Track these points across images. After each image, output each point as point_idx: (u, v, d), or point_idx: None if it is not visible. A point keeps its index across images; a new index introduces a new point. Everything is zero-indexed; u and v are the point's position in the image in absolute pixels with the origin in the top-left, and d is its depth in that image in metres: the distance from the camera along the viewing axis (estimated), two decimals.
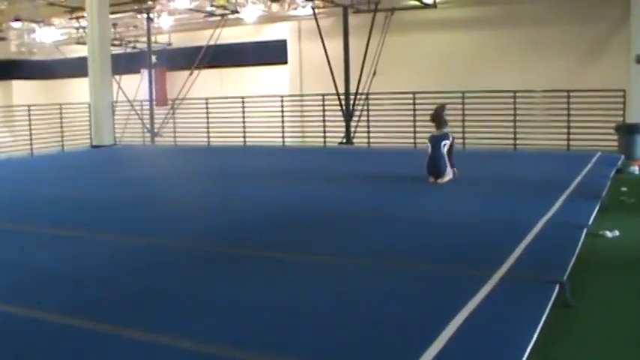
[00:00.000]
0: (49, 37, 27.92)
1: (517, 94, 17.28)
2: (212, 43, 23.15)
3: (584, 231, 7.75)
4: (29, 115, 19.99)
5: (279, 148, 19.86)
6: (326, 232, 8.40)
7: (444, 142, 11.82)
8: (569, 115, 16.67)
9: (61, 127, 21.14)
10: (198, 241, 8.08)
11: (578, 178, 11.76)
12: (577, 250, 6.94)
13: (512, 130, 17.26)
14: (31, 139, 19.96)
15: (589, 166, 13.40)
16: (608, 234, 8.00)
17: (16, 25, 27.18)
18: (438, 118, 12.13)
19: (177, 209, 10.52)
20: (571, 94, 16.66)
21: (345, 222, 9.06)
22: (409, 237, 8.03)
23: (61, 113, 21.16)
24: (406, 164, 13.00)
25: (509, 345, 4.54)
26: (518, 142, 17.23)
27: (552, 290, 5.55)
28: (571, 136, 16.69)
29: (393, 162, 13.39)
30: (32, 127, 20.04)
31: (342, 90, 19.71)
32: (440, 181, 11.69)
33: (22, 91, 29.69)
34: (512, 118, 17.26)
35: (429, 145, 11.95)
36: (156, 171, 16.08)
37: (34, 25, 27.44)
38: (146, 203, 11.14)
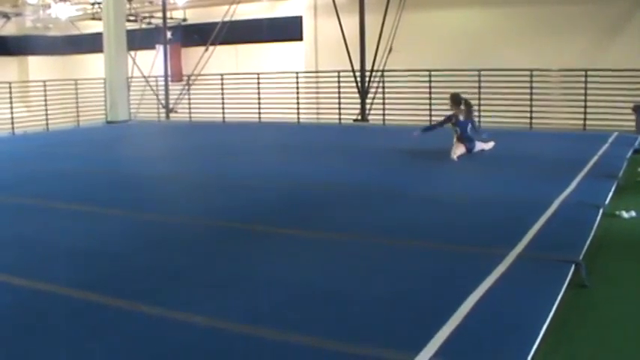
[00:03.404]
0: (64, 12, 27.88)
1: (534, 73, 17.16)
2: (227, 19, 23.05)
3: (601, 211, 7.72)
4: (45, 91, 20.04)
5: (294, 124, 19.83)
6: (341, 209, 8.41)
7: (469, 127, 12.50)
8: (586, 94, 16.54)
9: (77, 102, 21.20)
10: (213, 217, 8.10)
11: (595, 158, 11.69)
12: (593, 230, 6.92)
13: (528, 109, 17.15)
14: (46, 115, 20.02)
15: (605, 146, 13.31)
16: (625, 214, 7.94)
17: (32, 0, 27.17)
18: (459, 101, 12.64)
19: (192, 186, 10.54)
20: (588, 73, 16.53)
21: (361, 199, 9.06)
22: (425, 215, 8.03)
23: (76, 89, 21.21)
24: (422, 142, 12.95)
25: (524, 324, 4.54)
26: (534, 121, 17.13)
27: (568, 270, 5.54)
28: (588, 116, 16.57)
29: (409, 139, 13.35)
30: (48, 102, 20.10)
31: (357, 67, 19.61)
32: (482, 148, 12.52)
33: (38, 66, 29.71)
34: (528, 97, 17.14)
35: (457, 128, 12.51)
36: (170, 147, 16.12)
37: (49, 0, 27.41)
38: (161, 179, 11.17)
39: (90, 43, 26.71)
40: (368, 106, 19.59)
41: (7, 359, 4.28)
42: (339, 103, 19.56)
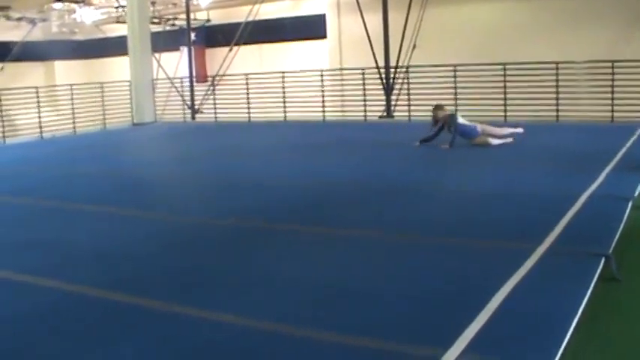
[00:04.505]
0: (89, 16, 28.10)
1: (559, 66, 17.02)
2: (251, 19, 23.06)
3: (630, 203, 7.65)
4: (71, 95, 20.19)
5: (320, 122, 19.82)
6: (364, 207, 8.41)
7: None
8: (613, 86, 16.38)
9: (103, 105, 21.31)
10: (239, 217, 8.10)
11: (623, 150, 11.58)
12: (622, 223, 6.86)
13: (554, 101, 17.02)
14: (73, 118, 20.16)
15: (634, 137, 13.17)
16: None
17: (57, 5, 27.38)
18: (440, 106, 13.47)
19: (218, 186, 10.56)
20: (615, 64, 16.37)
21: (387, 196, 9.05)
22: (451, 210, 8.00)
23: (102, 92, 21.33)
24: (447, 137, 12.89)
25: (554, 318, 4.51)
26: (560, 113, 16.99)
27: (598, 263, 5.50)
28: (615, 107, 16.41)
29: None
30: (74, 105, 20.23)
31: (382, 63, 19.55)
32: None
33: (65, 70, 29.97)
34: (554, 89, 17.01)
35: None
36: (196, 148, 16.15)
37: (74, 5, 27.62)
38: (186, 180, 11.23)
39: (115, 46, 26.87)
40: (393, 102, 19.53)
41: None
42: (364, 100, 19.51)
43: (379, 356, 4.16)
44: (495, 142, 12.67)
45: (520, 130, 12.98)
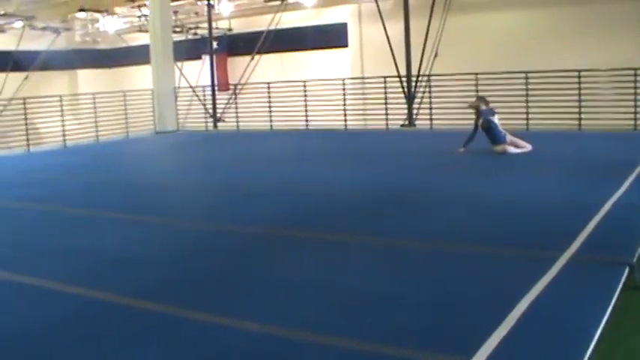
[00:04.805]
0: (112, 26, 28.31)
1: (582, 74, 16.96)
2: (272, 27, 23.17)
3: None
4: (94, 103, 20.36)
5: (342, 131, 19.84)
6: (388, 214, 8.40)
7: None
8: (635, 93, 16.30)
9: (125, 113, 21.48)
10: (261, 224, 8.12)
11: None
12: None
13: (576, 110, 16.95)
14: (96, 126, 20.34)
15: None
16: None
17: (81, 15, 27.61)
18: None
19: (240, 193, 10.59)
20: (638, 72, 16.28)
21: (408, 203, 9.05)
22: (473, 219, 7.98)
23: (125, 100, 21.49)
24: (469, 146, 12.89)
25: (578, 327, 4.49)
26: (583, 122, 16.92)
27: (622, 272, 5.47)
28: (638, 116, 16.32)
29: (456, 144, 13.30)
30: (97, 114, 20.41)
31: (403, 72, 19.56)
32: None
33: (88, 79, 30.22)
34: (576, 98, 16.95)
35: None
36: (218, 156, 16.22)
37: (97, 14, 27.83)
38: (208, 188, 11.27)
39: (137, 55, 27.07)
40: (415, 111, 19.51)
41: None
42: (386, 109, 19.53)
43: None
44: (514, 150, 12.66)
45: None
